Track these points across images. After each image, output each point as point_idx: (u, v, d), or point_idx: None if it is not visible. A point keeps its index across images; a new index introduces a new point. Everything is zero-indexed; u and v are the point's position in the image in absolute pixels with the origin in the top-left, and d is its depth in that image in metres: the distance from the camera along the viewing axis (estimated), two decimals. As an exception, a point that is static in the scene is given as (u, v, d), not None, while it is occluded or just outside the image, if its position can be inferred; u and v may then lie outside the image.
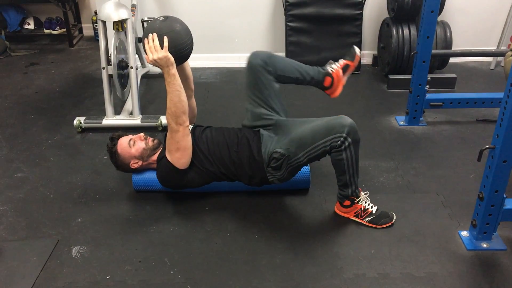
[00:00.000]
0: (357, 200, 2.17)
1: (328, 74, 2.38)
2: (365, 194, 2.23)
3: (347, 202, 2.17)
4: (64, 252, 2.05)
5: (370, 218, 2.17)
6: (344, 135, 1.99)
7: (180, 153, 2.14)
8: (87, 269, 1.96)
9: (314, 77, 2.37)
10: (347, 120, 2.04)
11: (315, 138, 2.05)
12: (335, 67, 2.40)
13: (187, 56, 2.18)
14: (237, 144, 2.23)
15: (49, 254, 2.04)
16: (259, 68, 2.29)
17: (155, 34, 2.04)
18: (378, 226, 2.16)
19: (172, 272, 1.94)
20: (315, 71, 2.38)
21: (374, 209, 2.19)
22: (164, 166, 2.19)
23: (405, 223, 2.19)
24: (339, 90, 2.41)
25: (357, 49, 2.44)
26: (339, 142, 2.00)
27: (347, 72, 2.43)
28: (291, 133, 2.16)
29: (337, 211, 2.25)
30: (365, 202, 2.19)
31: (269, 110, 2.33)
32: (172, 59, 2.05)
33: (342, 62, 2.42)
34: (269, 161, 2.14)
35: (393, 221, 2.18)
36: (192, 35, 2.19)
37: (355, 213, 2.19)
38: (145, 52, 2.06)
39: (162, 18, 2.11)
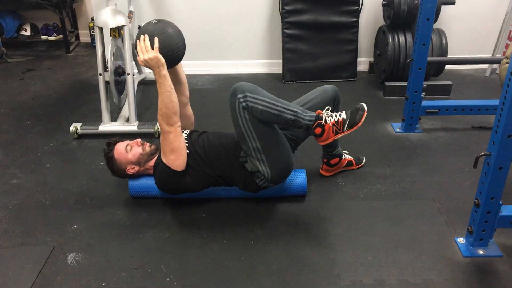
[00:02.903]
0: (323, 121, 2.11)
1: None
2: (326, 110, 2.15)
3: (323, 139, 2.13)
4: (59, 259, 2.04)
5: (346, 125, 2.12)
6: (239, 96, 2.03)
7: (174, 155, 2.14)
8: (82, 276, 1.95)
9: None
10: (235, 85, 2.07)
11: (235, 120, 2.09)
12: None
13: (178, 59, 2.20)
14: (234, 148, 2.24)
15: (44, 261, 2.02)
16: (332, 97, 2.38)
17: (146, 35, 2.08)
18: (358, 125, 2.11)
19: (168, 279, 1.93)
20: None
21: (343, 114, 2.13)
22: (161, 170, 2.19)
23: (401, 229, 2.19)
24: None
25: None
26: (243, 104, 2.03)
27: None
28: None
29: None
30: (331, 117, 2.12)
31: None
32: (162, 60, 2.07)
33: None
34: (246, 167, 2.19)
35: (366, 109, 2.12)
36: (190, 42, 2.22)
37: (332, 132, 2.12)
38: (137, 53, 2.09)
39: (155, 21, 2.16)
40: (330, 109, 2.17)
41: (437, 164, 2.72)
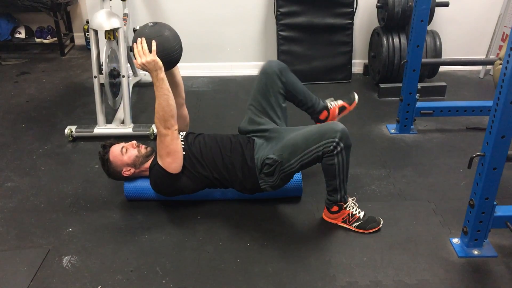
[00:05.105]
0: (345, 205, 2.18)
1: (327, 108, 2.50)
2: (352, 199, 2.24)
3: (335, 208, 2.18)
4: (55, 262, 2.03)
5: (357, 223, 2.18)
6: (336, 140, 2.01)
7: (171, 158, 2.14)
8: (78, 279, 1.94)
9: (314, 106, 2.47)
10: (339, 125, 2.06)
11: (308, 143, 2.06)
12: (334, 105, 2.52)
13: (176, 61, 2.20)
14: (230, 149, 2.24)
15: (39, 264, 2.02)
16: (274, 75, 2.36)
17: (143, 38, 2.07)
18: (366, 231, 2.17)
19: (164, 281, 1.93)
20: (316, 100, 2.49)
21: (362, 214, 2.20)
22: (156, 172, 2.19)
23: (396, 230, 2.20)
24: None
25: (356, 95, 2.58)
26: (331, 147, 2.01)
27: (342, 113, 2.55)
28: (284, 139, 2.17)
29: (325, 218, 2.26)
30: (353, 208, 2.20)
31: (267, 120, 2.36)
32: (160, 63, 2.06)
33: (340, 102, 2.55)
34: (261, 167, 2.15)
35: (380, 225, 2.19)
36: (184, 44, 2.21)
37: (342, 219, 2.20)
38: (134, 56, 2.08)
39: (152, 24, 2.15)
40: (355, 200, 2.26)
41: (431, 165, 2.73)
